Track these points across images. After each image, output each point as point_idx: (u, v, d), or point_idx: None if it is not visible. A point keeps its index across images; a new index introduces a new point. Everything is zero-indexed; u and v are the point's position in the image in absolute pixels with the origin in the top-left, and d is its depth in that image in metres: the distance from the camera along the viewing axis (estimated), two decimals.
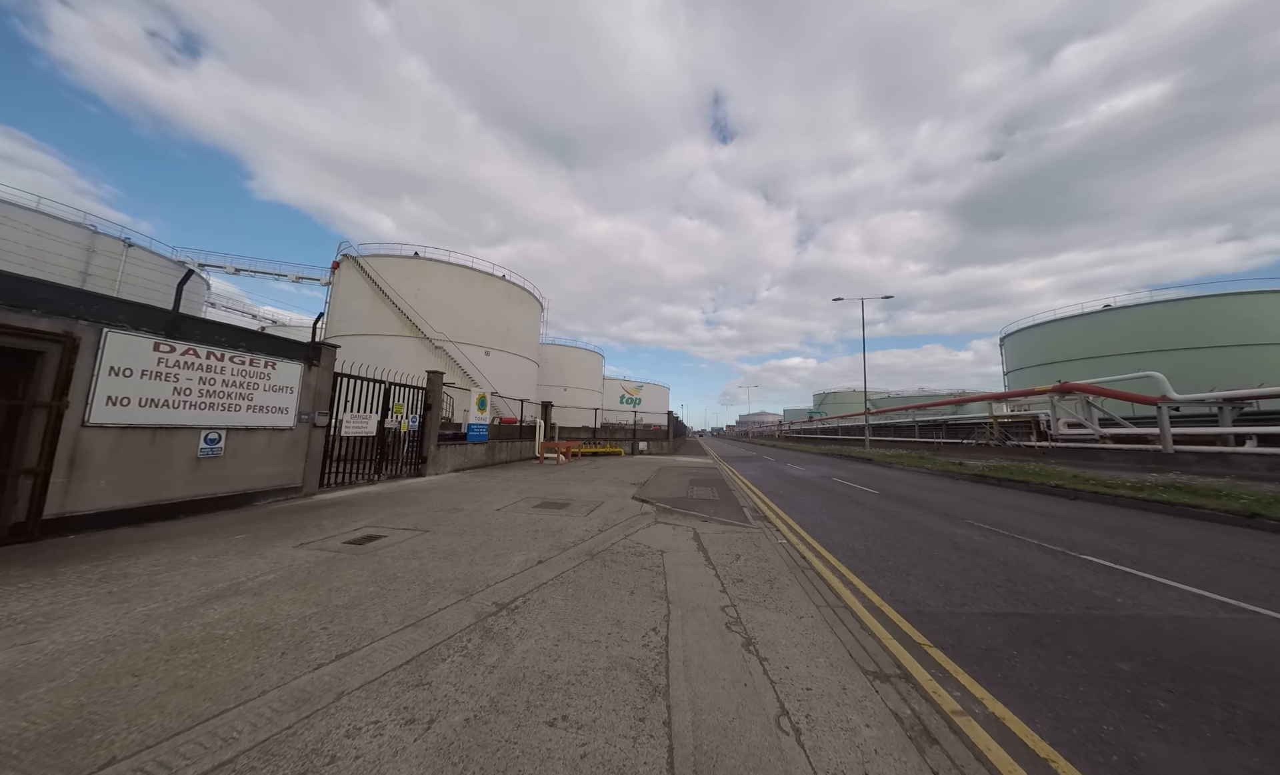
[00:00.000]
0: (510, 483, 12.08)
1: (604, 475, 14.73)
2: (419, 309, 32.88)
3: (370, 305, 32.78)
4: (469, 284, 35.37)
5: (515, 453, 19.02)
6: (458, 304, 34.46)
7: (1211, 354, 43.72)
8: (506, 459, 18.05)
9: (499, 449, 17.49)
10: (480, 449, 16.01)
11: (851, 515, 9.22)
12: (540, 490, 10.97)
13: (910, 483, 14.74)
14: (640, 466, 18.54)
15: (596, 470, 16.35)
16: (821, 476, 16.74)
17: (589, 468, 17.26)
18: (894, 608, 4.40)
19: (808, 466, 21.42)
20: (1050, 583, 5.18)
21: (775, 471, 18.90)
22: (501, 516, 7.78)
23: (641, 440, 26.76)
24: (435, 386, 13.46)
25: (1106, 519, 8.94)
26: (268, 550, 5.41)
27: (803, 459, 27.67)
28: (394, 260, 33.71)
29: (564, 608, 4.02)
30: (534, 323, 43.48)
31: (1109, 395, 26.43)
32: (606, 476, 14.42)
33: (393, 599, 4.07)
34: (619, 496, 10.41)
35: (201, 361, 7.28)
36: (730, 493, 11.55)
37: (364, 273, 32.95)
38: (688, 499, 10.27)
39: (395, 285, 32.82)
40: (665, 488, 12.09)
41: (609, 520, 7.79)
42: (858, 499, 11.35)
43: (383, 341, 32.43)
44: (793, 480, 15.46)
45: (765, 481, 15.10)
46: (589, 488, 11.75)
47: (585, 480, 13.21)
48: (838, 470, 19.04)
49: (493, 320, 36.45)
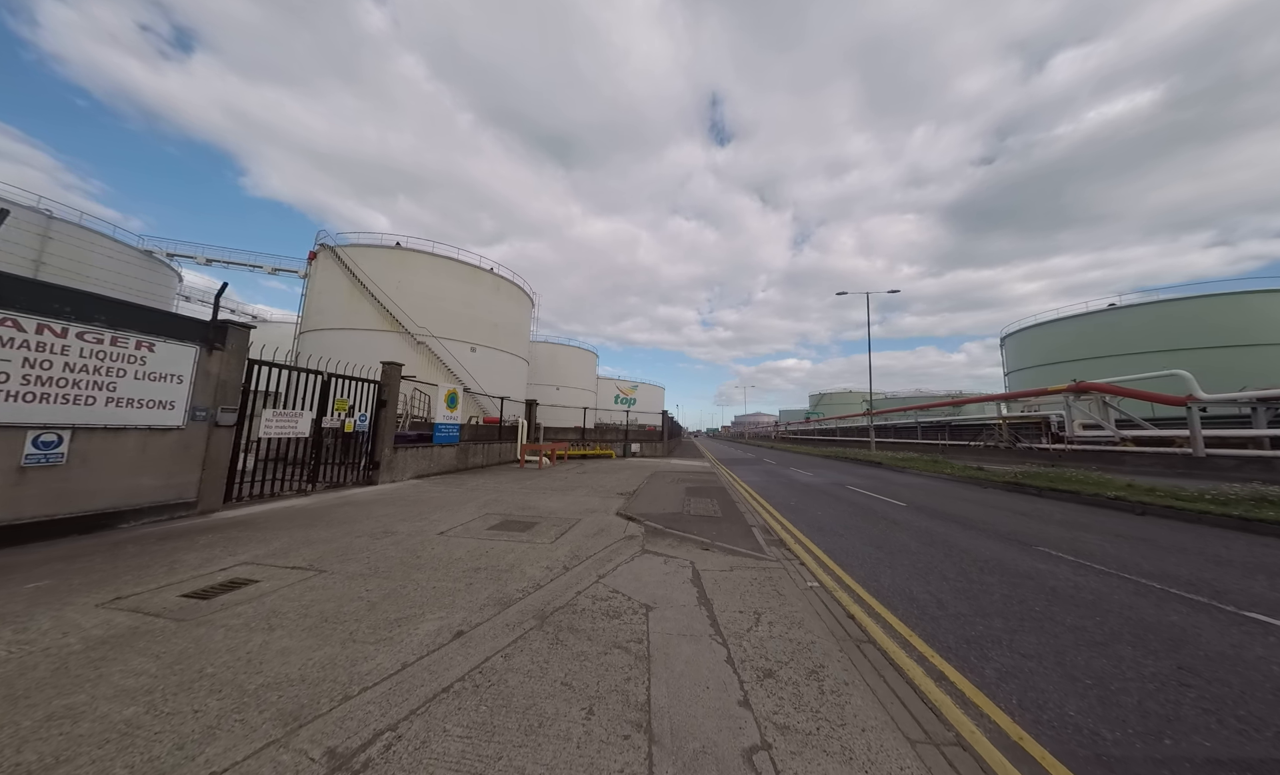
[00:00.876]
0: (474, 493, 10.19)
1: (589, 482, 12.85)
2: (400, 302, 30.88)
3: (348, 298, 30.73)
4: (454, 277, 33.40)
5: (493, 456, 17.10)
6: (442, 298, 32.48)
7: (1221, 354, 42.27)
8: (482, 463, 16.13)
9: (474, 452, 15.57)
10: (450, 452, 14.09)
11: (889, 539, 7.38)
12: (507, 503, 9.08)
13: (937, 492, 12.95)
14: (631, 471, 16.69)
15: (581, 476, 14.47)
16: (833, 483, 14.94)
17: (573, 473, 15.38)
18: (1052, 748, 2.53)
19: (814, 471, 19.62)
20: (1261, 678, 3.32)
21: (780, 477, 17.08)
22: (441, 545, 5.87)
23: (634, 441, 24.91)
24: (391, 380, 11.55)
25: (1210, 544, 7.13)
26: (40, 615, 3.50)
27: (806, 462, 25.88)
28: (374, 251, 31.69)
29: (461, 760, 2.16)
30: (524, 319, 41.54)
31: (1130, 395, 24.82)
32: (591, 484, 12.55)
33: (137, 747, 2.17)
34: (601, 512, 8.54)
35: (28, 337, 5.35)
36: (733, 505, 9.72)
37: (342, 263, 30.91)
38: (683, 515, 8.41)
39: (375, 277, 30.81)
40: (657, 499, 10.23)
41: (581, 549, 5.90)
42: (886, 514, 9.53)
43: (361, 336, 30.41)
44: (802, 488, 13.64)
45: (771, 489, 13.27)
46: (566, 499, 9.87)
47: (565, 489, 11.34)
48: (848, 476, 17.25)
49: (479, 315, 34.49)
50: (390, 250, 31.84)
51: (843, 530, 7.99)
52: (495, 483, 12.11)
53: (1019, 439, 30.20)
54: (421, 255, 32.28)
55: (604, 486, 12.12)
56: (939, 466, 18.31)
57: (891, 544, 7.00)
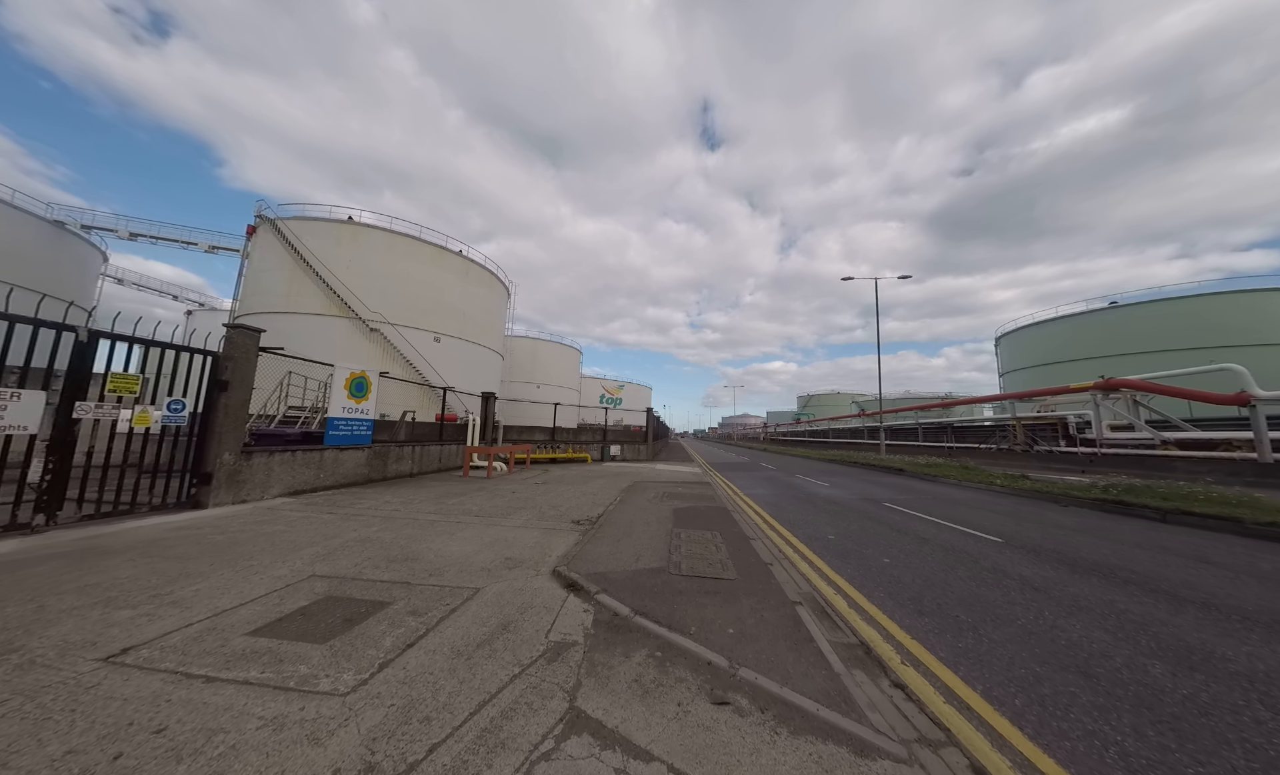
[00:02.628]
0: (345, 524, 6.40)
1: (541, 499, 9.13)
2: (351, 283, 26.80)
3: (290, 278, 26.56)
4: (416, 258, 29.37)
5: (430, 461, 13.27)
6: (401, 280, 28.45)
7: (1224, 354, 39.84)
8: (411, 470, 12.29)
9: (397, 457, 11.73)
10: (355, 458, 10.26)
11: (1076, 639, 3.80)
12: (378, 547, 5.32)
13: (1011, 513, 9.46)
14: (604, 481, 13.01)
15: (537, 489, 10.75)
16: (862, 498, 11.41)
17: (528, 484, 11.66)
18: None
19: (827, 479, 16.11)
20: None
21: (790, 488, 13.54)
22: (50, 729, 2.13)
23: (614, 443, 21.22)
24: (241, 353, 7.70)
25: None
26: None
27: (810, 467, 22.40)
28: (322, 225, 27.55)
29: None
30: (498, 309, 37.60)
31: (1169, 392, 21.86)
32: (544, 501, 8.84)
33: None
34: (528, 568, 4.83)
35: None
36: (747, 543, 6.09)
37: (283, 238, 26.74)
38: (671, 575, 4.73)
39: (322, 254, 26.70)
40: (631, 533, 6.55)
41: (413, 714, 2.21)
42: (996, 563, 5.88)
43: (305, 322, 26.26)
44: (828, 507, 10.06)
45: (790, 510, 9.68)
46: (488, 535, 6.13)
47: (499, 513, 7.60)
48: (874, 487, 13.76)
49: (445, 302, 30.52)
50: (341, 225, 27.72)
51: (960, 607, 4.38)
52: (403, 502, 8.33)
53: (1035, 441, 27.20)
54: (377, 231, 28.21)
55: (560, 507, 8.42)
56: (974, 474, 14.95)
57: (1091, 653, 3.42)
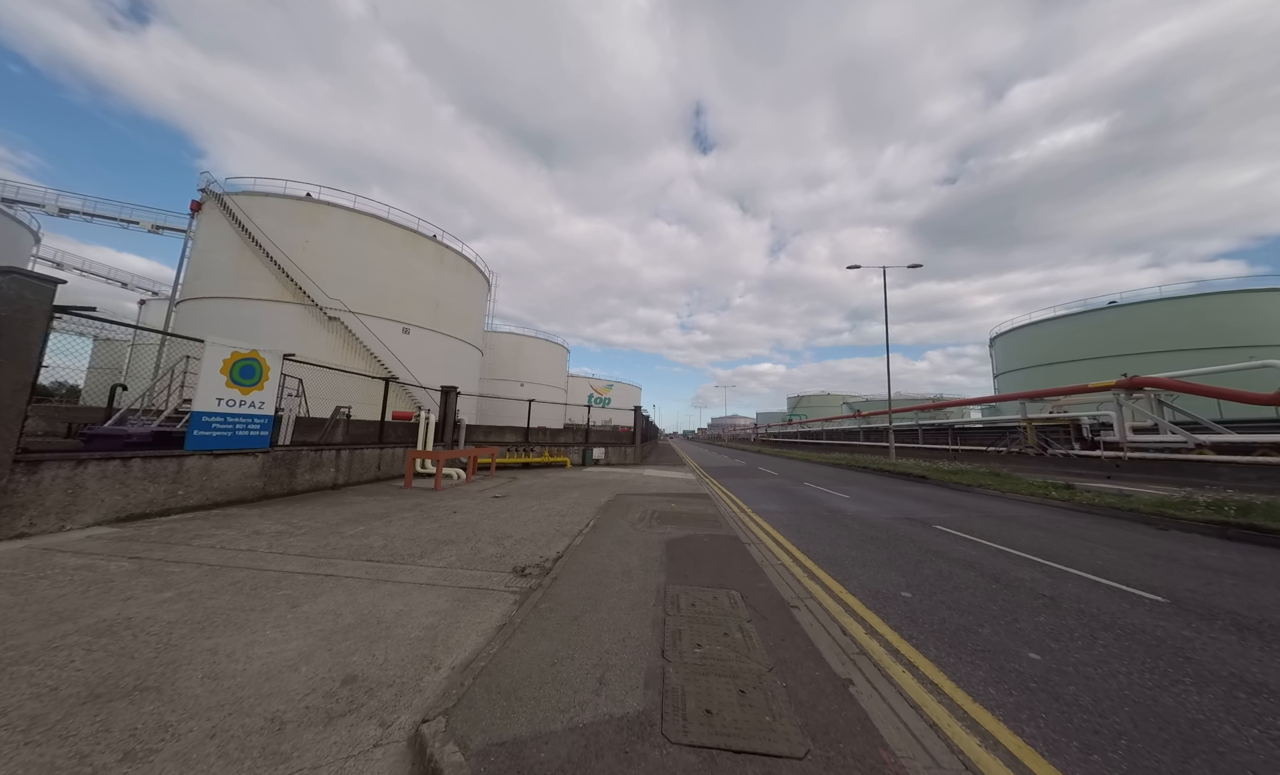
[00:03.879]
0: (76, 602, 3.76)
1: (481, 528, 6.55)
2: (308, 267, 23.91)
3: (237, 259, 23.57)
4: (383, 241, 26.53)
5: (367, 468, 10.62)
6: (366, 265, 25.60)
7: (1227, 355, 38.26)
8: (335, 481, 9.62)
9: (312, 464, 9.06)
10: (242, 467, 7.60)
11: None
12: (79, 670, 2.70)
13: (1123, 546, 7.02)
14: (580, 493, 10.48)
15: (485, 509, 8.17)
16: (902, 517, 9.01)
17: (479, 500, 9.07)
18: None
19: (843, 488, 13.74)
20: None
21: (805, 502, 11.13)
22: None
23: (597, 445, 18.67)
24: (16, 314, 5.04)
25: None
26: None
27: (814, 473, 20.05)
28: (275, 201, 24.59)
29: None
30: (477, 301, 34.83)
31: (1202, 392, 19.93)
32: (484, 532, 6.25)
33: None
34: (362, 717, 2.23)
35: None
36: (797, 630, 3.59)
37: (230, 216, 23.77)
38: (662, 742, 2.27)
39: (275, 234, 23.77)
40: (596, 605, 3.98)
41: None
42: (1217, 657, 3.52)
43: (252, 309, 23.31)
44: (870, 535, 7.60)
45: (823, 541, 7.20)
46: (344, 610, 3.47)
47: (398, 560, 4.98)
48: (906, 501, 11.40)
49: (416, 290, 27.71)
50: (297, 201, 24.78)
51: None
52: (278, 534, 5.70)
53: (1049, 444, 25.23)
54: (339, 210, 25.32)
55: (507, 539, 5.86)
56: (1011, 484, 12.70)
57: None
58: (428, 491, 9.94)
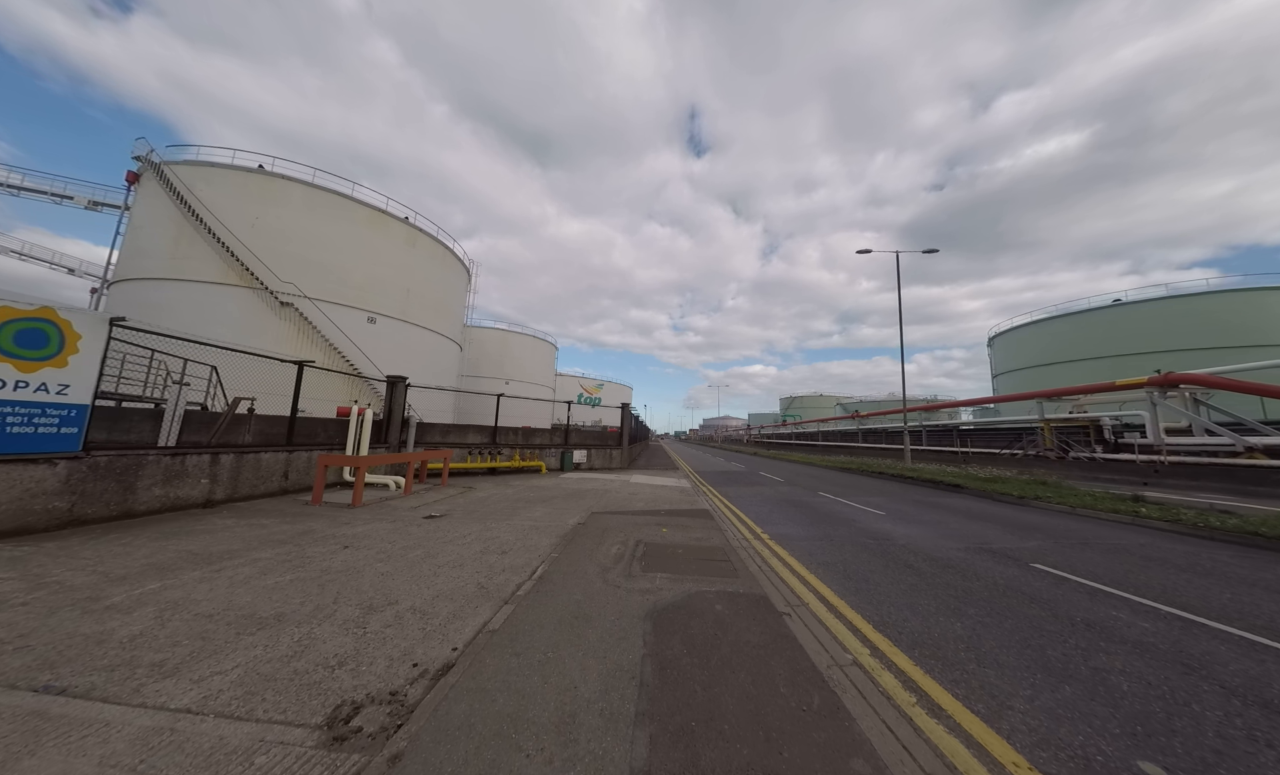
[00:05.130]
0: None
1: (344, 593, 3.98)
2: (259, 247, 21.14)
3: (175, 235, 20.74)
4: (346, 220, 23.81)
5: (268, 476, 8.04)
6: (326, 247, 22.88)
7: (1235, 354, 36.58)
8: (210, 497, 7.03)
9: (168, 475, 6.47)
10: (27, 479, 5.03)
11: None
12: None
13: (1273, 588, 4.84)
14: (544, 510, 7.98)
15: (395, 542, 5.61)
16: (969, 545, 6.63)
17: (400, 526, 6.53)
18: None
19: (869, 501, 11.37)
20: None
21: (833, 522, 8.71)
22: None
23: (578, 447, 16.16)
24: None
25: None
26: None
27: (823, 480, 17.70)
28: (223, 172, 21.79)
29: None
30: (455, 291, 32.15)
31: (1246, 389, 17.89)
32: (353, 597, 3.66)
33: None
34: None
35: None
36: None
37: (170, 189, 20.95)
38: None
39: (222, 209, 20.98)
40: None
41: None
42: None
43: (193, 292, 20.51)
44: (955, 583, 5.13)
45: (891, 600, 4.74)
46: None
47: (140, 679, 2.51)
48: (959, 520, 9.03)
49: (384, 276, 25.01)
50: (248, 173, 21.98)
51: None
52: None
53: (1069, 446, 23.15)
54: (296, 185, 22.55)
55: (367, 626, 3.33)
56: (1064, 495, 10.44)
57: None
58: (340, 509, 7.40)
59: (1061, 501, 9.85)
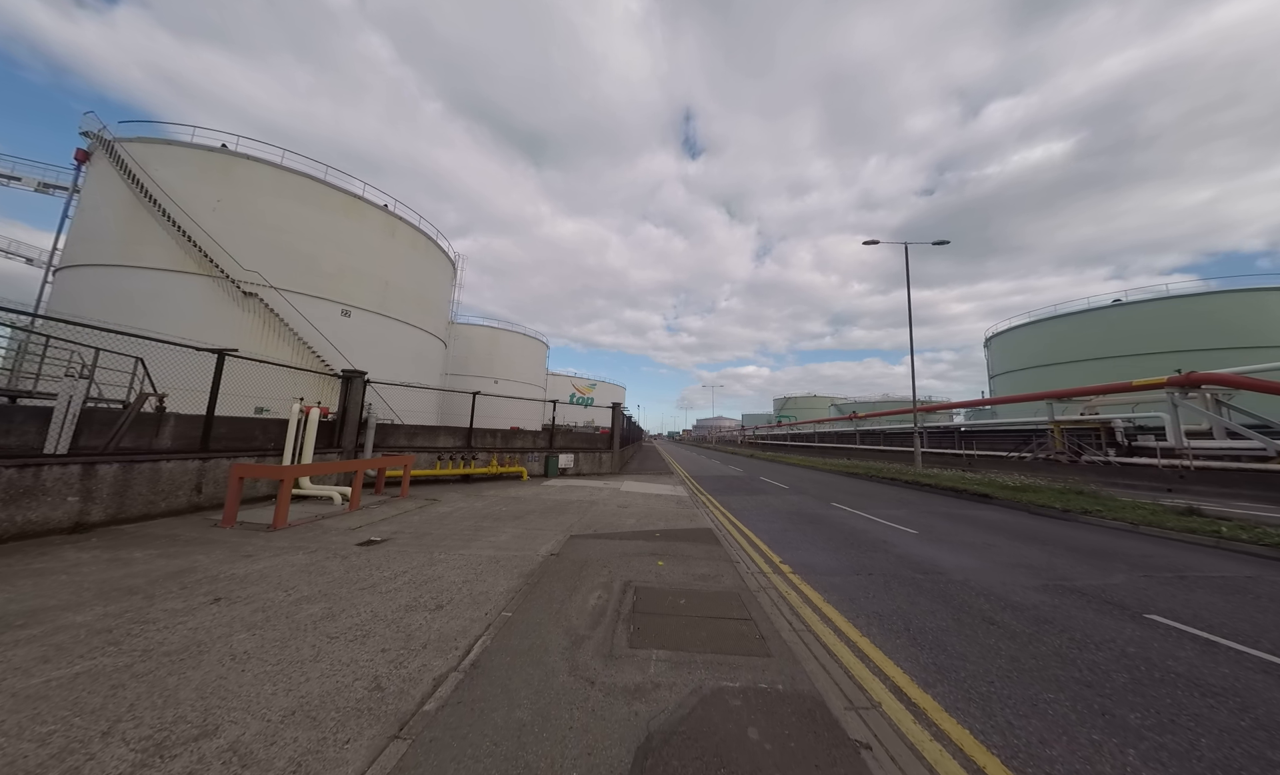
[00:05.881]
0: None
1: (162, 697, 2.56)
2: (220, 233, 19.38)
3: (127, 218, 18.93)
4: (318, 205, 22.09)
5: (179, 489, 6.46)
6: (295, 234, 21.15)
7: (1240, 355, 35.70)
8: (79, 519, 5.44)
9: (11, 493, 4.90)
10: None
11: None
12: None
13: None
14: (515, 531, 6.46)
15: (290, 592, 4.04)
16: (1044, 582, 5.19)
17: (322, 558, 4.97)
18: None
19: (885, 513, 9.96)
20: None
21: (856, 541, 7.27)
22: None
23: (564, 450, 14.64)
24: None
25: None
26: None
27: (830, 486, 16.31)
28: (181, 150, 20.00)
29: None
30: (439, 285, 30.47)
31: (1274, 390, 16.78)
32: (165, 709, 2.26)
33: None
34: None
35: None
36: None
37: (122, 167, 19.14)
38: None
39: (179, 191, 19.19)
40: None
41: None
42: None
43: (146, 280, 18.71)
44: (1056, 649, 3.75)
45: (985, 666, 3.33)
46: None
47: None
48: (988, 534, 7.67)
49: (360, 267, 23.32)
50: (209, 153, 20.19)
51: None
52: None
53: (1082, 449, 22.00)
54: (262, 166, 20.78)
55: (157, 754, 1.88)
56: (1122, 508, 9.12)
57: None
58: (255, 533, 5.85)
59: (1115, 516, 8.51)
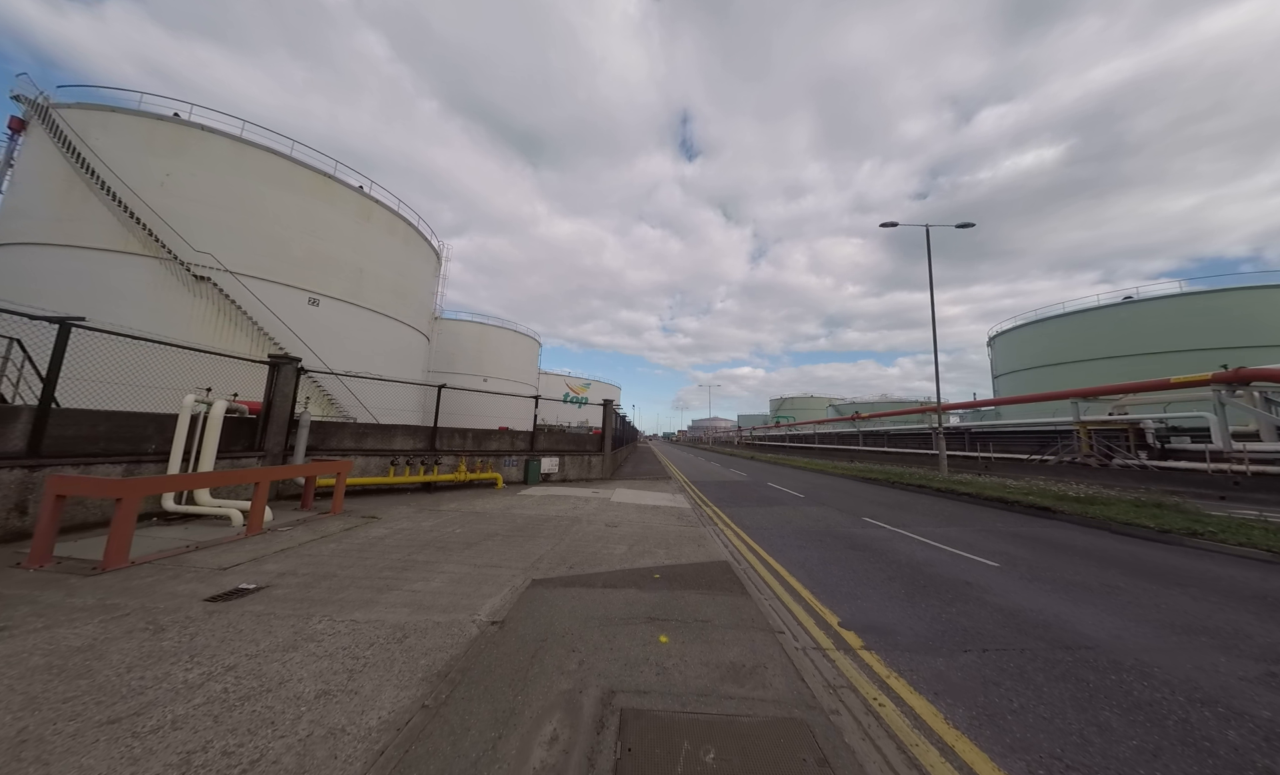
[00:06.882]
0: None
1: None
2: (169, 210, 17.29)
3: (62, 192, 16.80)
4: (282, 184, 20.00)
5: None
6: (255, 214, 19.07)
7: (1255, 355, 33.95)
8: None
9: None
10: None
11: None
12: None
13: None
14: (455, 573, 4.46)
15: None
16: (1254, 657, 3.39)
17: (105, 637, 3.02)
18: None
19: (933, 531, 8.03)
20: None
21: (934, 584, 5.35)
22: None
23: (548, 453, 12.66)
24: None
25: None
26: None
27: (848, 494, 14.37)
28: (126, 118, 17.88)
29: None
30: (422, 277, 28.40)
31: None
32: None
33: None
34: None
35: None
36: None
37: (59, 136, 17.03)
38: None
39: (123, 164, 17.08)
40: None
41: None
42: None
43: (84, 261, 16.59)
44: None
45: None
46: None
47: None
48: (1087, 566, 5.78)
49: (330, 252, 21.24)
50: (159, 121, 18.06)
51: None
52: None
53: (1112, 453, 20.23)
54: (219, 139, 18.68)
55: None
56: (1213, 525, 7.29)
57: None
58: (67, 577, 3.86)
59: (1236, 538, 6.63)
